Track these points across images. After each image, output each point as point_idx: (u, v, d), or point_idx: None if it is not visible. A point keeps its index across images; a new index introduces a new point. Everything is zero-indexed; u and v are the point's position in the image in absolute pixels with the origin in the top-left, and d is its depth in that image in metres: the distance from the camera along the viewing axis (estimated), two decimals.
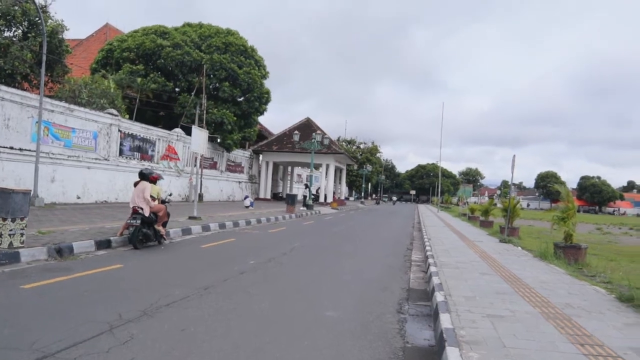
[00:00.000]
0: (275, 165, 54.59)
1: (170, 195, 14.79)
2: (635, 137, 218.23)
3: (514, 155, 17.46)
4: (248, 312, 6.23)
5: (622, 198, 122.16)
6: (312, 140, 39.06)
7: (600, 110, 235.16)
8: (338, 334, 5.54)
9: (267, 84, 42.34)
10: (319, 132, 45.01)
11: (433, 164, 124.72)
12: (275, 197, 53.10)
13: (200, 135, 19.22)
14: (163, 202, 12.63)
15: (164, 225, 12.47)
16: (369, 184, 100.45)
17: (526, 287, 8.38)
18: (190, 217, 18.48)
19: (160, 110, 38.00)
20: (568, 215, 12.40)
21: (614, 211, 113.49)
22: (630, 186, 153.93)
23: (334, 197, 52.58)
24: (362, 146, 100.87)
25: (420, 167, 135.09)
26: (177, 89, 38.02)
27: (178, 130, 34.41)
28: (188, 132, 28.26)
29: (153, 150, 31.20)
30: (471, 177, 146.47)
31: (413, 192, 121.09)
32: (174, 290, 7.10)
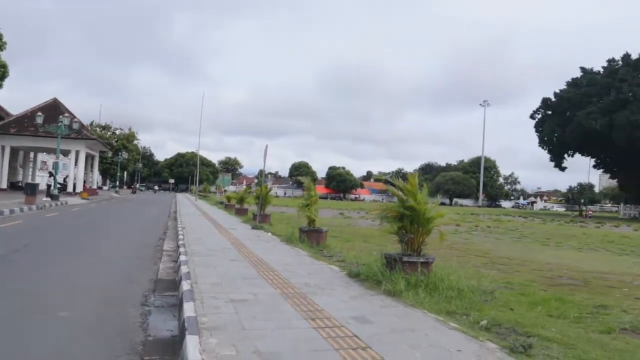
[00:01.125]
0: (14, 151, 48.23)
1: None
2: (372, 134, 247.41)
3: (267, 145, 18.34)
4: None
5: (362, 186, 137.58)
6: (59, 124, 35.39)
7: (345, 108, 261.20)
8: (72, 335, 5.11)
9: (5, 56, 37.11)
10: (67, 114, 41.04)
11: (192, 152, 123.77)
12: (14, 186, 47.00)
13: None
14: None
15: None
16: (125, 172, 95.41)
17: (271, 270, 8.85)
18: None
19: None
20: (311, 202, 13.47)
21: (355, 198, 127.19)
22: (369, 176, 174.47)
23: (84, 186, 48.64)
24: (117, 132, 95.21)
25: (179, 156, 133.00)
26: None
27: None
28: None
29: None
30: (230, 166, 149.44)
31: (172, 180, 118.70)
32: None
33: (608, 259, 15.11)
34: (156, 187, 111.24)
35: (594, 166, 75.09)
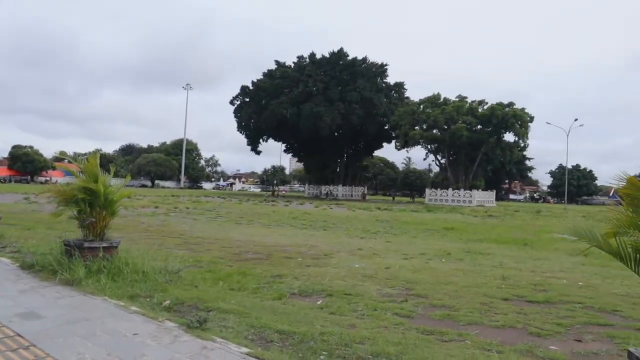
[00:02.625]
0: None
1: None
2: (66, 110, 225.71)
3: None
4: None
5: (54, 168, 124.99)
6: None
7: (32, 81, 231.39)
8: None
9: None
10: None
11: None
12: None
13: None
14: None
15: None
16: None
17: None
18: None
19: None
20: None
21: (46, 180, 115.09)
22: (63, 157, 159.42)
23: None
24: None
25: None
26: None
27: None
28: None
29: None
30: None
31: None
32: None
33: (290, 233, 16.84)
34: None
35: (285, 150, 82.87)
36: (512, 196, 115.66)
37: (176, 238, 13.67)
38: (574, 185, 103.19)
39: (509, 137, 59.24)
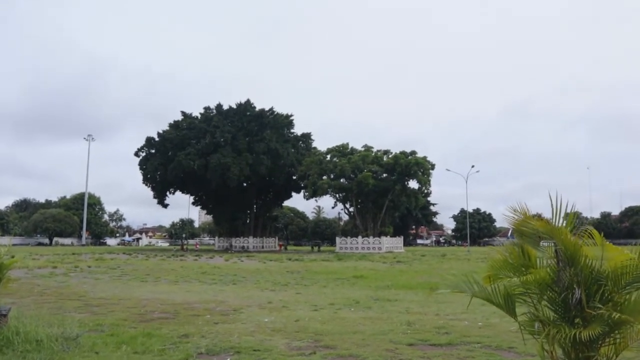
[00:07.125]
0: None
1: None
2: None
3: None
4: None
5: None
6: None
7: None
8: None
9: None
10: None
11: None
12: None
13: None
14: None
15: None
16: None
17: None
18: None
19: None
20: None
21: None
22: None
23: None
24: None
25: None
26: None
27: None
28: None
29: None
30: None
31: None
32: None
33: (199, 289, 16.40)
34: None
35: (193, 203, 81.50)
36: (419, 241, 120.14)
37: (76, 300, 12.92)
38: (476, 227, 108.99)
39: (413, 184, 61.96)
